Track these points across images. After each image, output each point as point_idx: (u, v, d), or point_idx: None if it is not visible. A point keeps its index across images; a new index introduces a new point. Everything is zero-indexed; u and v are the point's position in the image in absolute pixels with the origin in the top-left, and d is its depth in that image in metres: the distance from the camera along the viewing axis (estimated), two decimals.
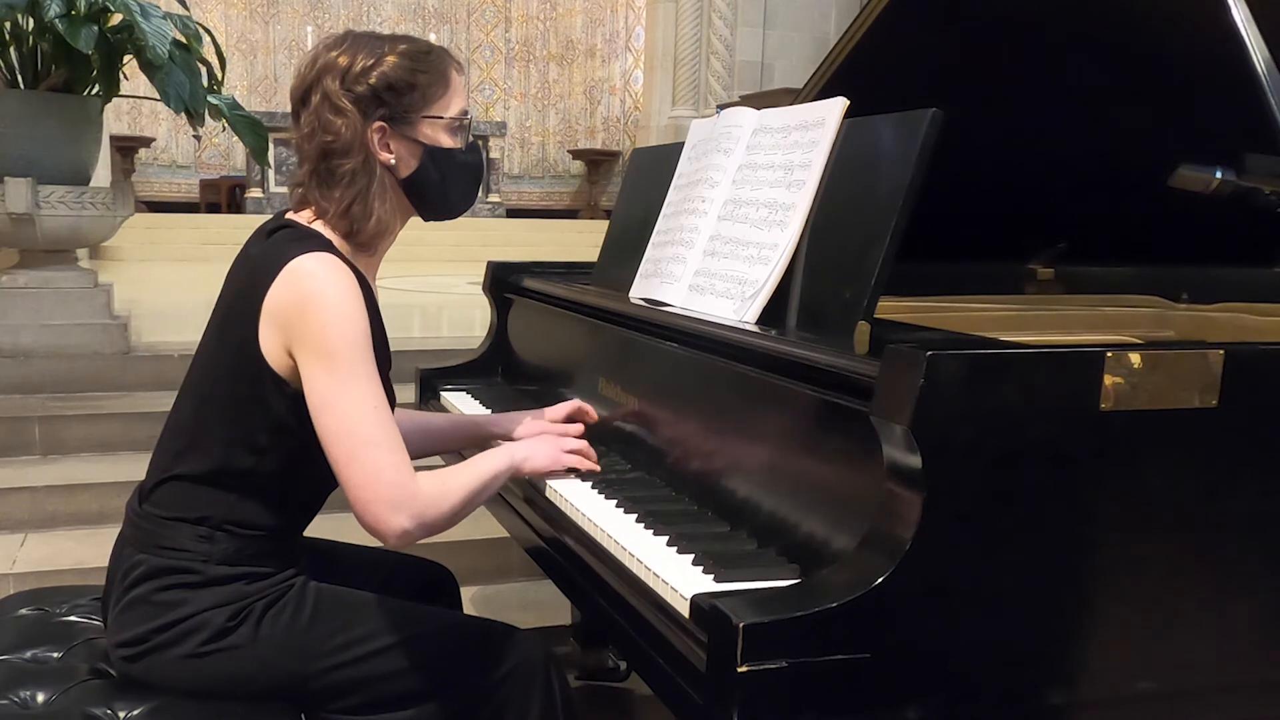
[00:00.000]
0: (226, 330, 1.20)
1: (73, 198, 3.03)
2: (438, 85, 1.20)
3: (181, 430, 1.23)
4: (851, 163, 1.23)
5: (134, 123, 9.30)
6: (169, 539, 1.20)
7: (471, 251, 6.87)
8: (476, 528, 2.50)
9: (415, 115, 1.19)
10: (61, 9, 2.70)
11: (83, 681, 1.23)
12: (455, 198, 1.28)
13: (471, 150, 1.26)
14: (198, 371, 1.25)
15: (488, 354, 2.00)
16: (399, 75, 1.18)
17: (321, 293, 1.13)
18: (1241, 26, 1.30)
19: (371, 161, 1.19)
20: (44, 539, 2.53)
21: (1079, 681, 0.97)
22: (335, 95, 1.16)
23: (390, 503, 1.11)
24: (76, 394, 3.06)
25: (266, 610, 1.19)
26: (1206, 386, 0.95)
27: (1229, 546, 1.00)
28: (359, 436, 1.11)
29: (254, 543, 1.21)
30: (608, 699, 2.06)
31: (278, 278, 1.14)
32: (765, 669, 0.84)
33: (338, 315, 1.13)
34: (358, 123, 1.17)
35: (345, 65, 1.17)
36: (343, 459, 1.12)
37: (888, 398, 0.91)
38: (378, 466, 1.11)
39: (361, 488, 1.11)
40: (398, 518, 1.12)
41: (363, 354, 1.14)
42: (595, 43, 10.68)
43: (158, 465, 1.25)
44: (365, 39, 1.21)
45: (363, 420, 1.12)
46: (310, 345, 1.12)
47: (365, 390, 1.13)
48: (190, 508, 1.20)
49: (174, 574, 1.19)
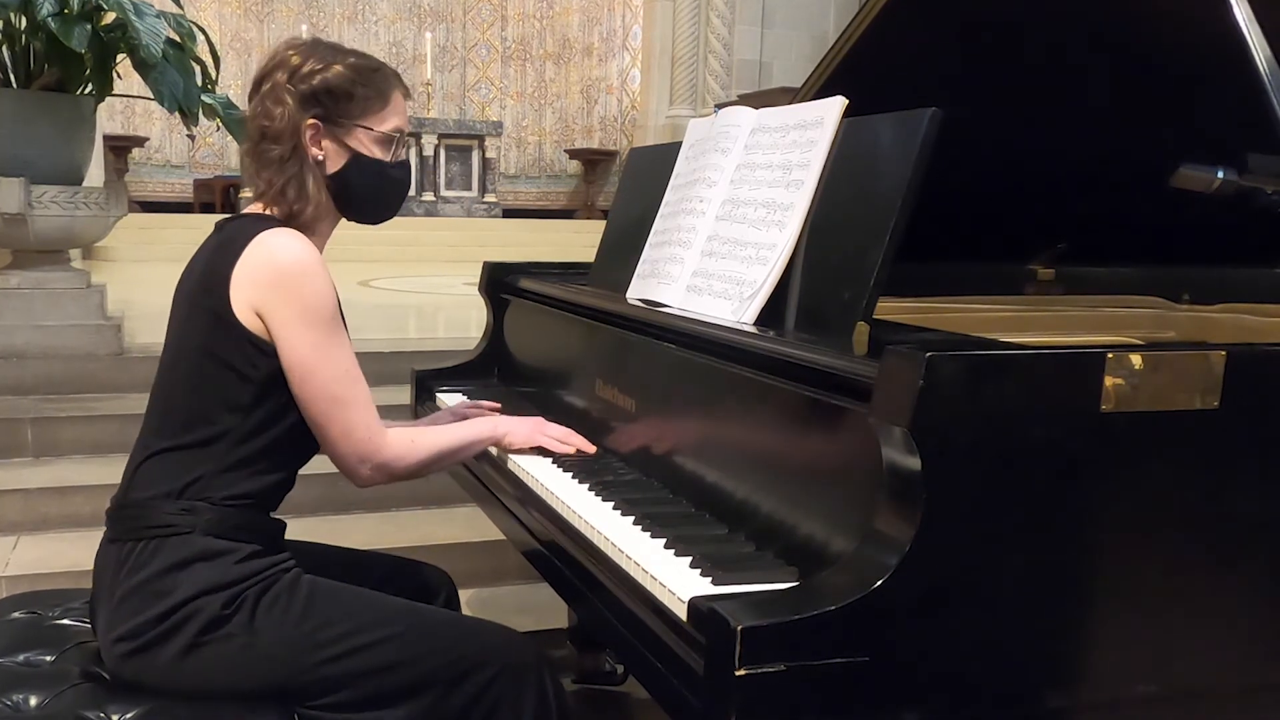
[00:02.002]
0: (194, 308, 1.27)
1: (65, 198, 3.01)
2: (375, 100, 1.32)
3: (155, 411, 1.29)
4: (850, 162, 1.23)
5: (127, 122, 9.27)
6: (151, 518, 1.23)
7: (468, 252, 6.86)
8: (473, 530, 2.51)
9: (348, 122, 1.31)
10: (54, 7, 2.69)
11: (75, 685, 1.23)
12: (375, 204, 1.38)
13: (398, 166, 1.37)
14: (168, 357, 1.31)
15: (484, 355, 1.99)
16: (339, 83, 1.30)
17: (299, 260, 1.24)
18: (1243, 25, 1.30)
19: (301, 151, 1.30)
20: (36, 541, 2.52)
21: (1079, 684, 0.97)
22: (280, 88, 1.29)
23: (358, 456, 1.29)
24: (69, 395, 3.05)
25: (260, 597, 1.21)
26: (1208, 388, 0.95)
27: (1230, 549, 1.00)
28: (335, 398, 1.25)
29: (236, 513, 1.24)
30: (605, 703, 2.06)
31: (246, 249, 1.24)
32: (764, 672, 0.84)
33: (317, 283, 1.24)
34: (293, 114, 1.28)
35: (297, 64, 1.30)
36: (320, 418, 1.26)
37: (887, 399, 0.90)
38: (349, 424, 1.27)
39: (335, 443, 1.28)
40: (363, 468, 1.30)
41: (338, 320, 1.27)
42: (592, 41, 10.67)
43: (134, 458, 1.29)
44: (325, 47, 1.34)
45: (339, 382, 1.25)
46: (294, 312, 1.23)
47: (341, 354, 1.26)
48: (169, 480, 1.24)
49: (162, 555, 1.21)
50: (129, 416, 2.86)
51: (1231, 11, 1.30)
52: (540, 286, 1.81)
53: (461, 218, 8.87)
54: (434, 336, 4.28)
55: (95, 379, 3.11)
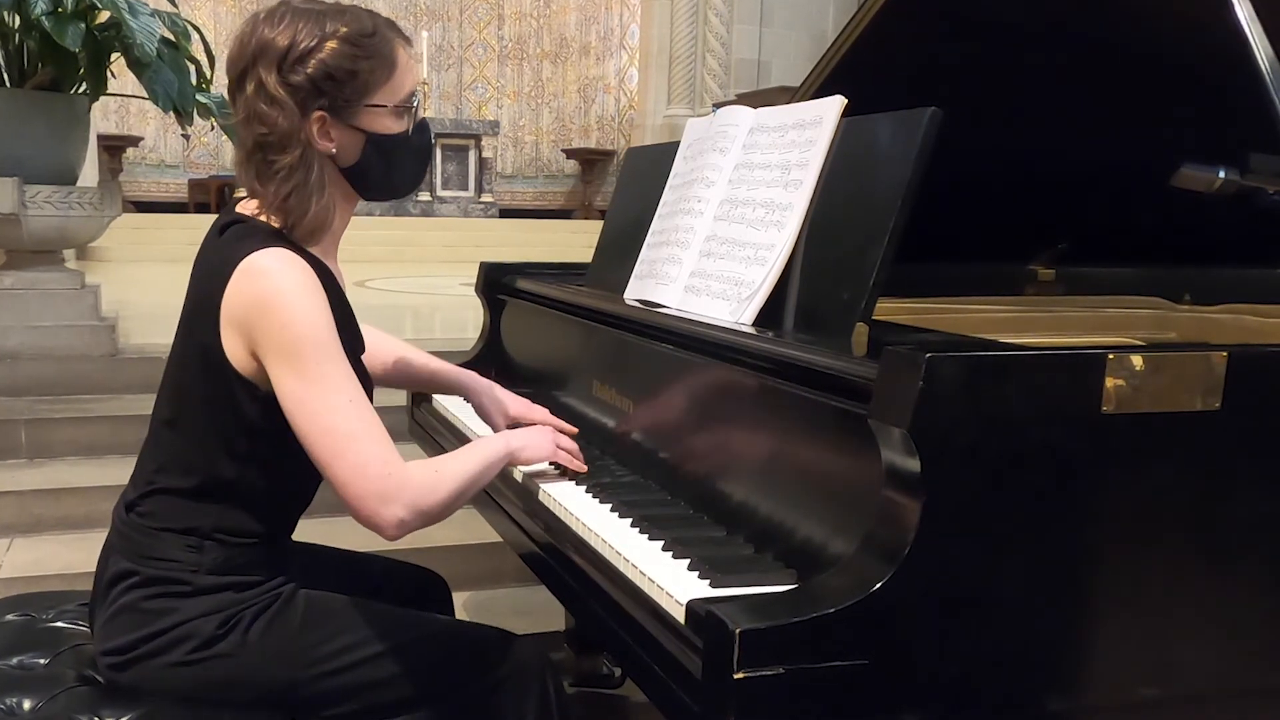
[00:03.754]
0: (190, 337, 1.18)
1: (59, 198, 3.00)
2: (381, 70, 1.14)
3: (161, 443, 1.22)
4: (849, 162, 1.22)
5: (122, 121, 9.25)
6: (157, 549, 1.19)
7: (464, 252, 6.86)
8: (468, 532, 2.50)
9: (357, 104, 1.14)
10: (48, 6, 2.68)
11: (70, 688, 1.22)
12: (400, 181, 1.23)
13: (419, 131, 1.20)
14: (170, 380, 1.23)
15: (481, 356, 1.98)
16: (339, 63, 1.11)
17: (277, 291, 1.09)
18: (1245, 24, 1.29)
19: (310, 154, 1.13)
20: (30, 544, 2.51)
21: (1080, 688, 0.96)
22: (272, 86, 1.10)
23: (380, 495, 1.09)
24: (63, 396, 3.03)
25: (255, 618, 1.18)
26: (1209, 389, 0.94)
27: (1232, 551, 0.99)
28: (338, 433, 1.08)
29: (244, 551, 1.20)
30: (602, 706, 2.06)
31: (232, 279, 1.11)
32: (762, 675, 0.83)
33: (296, 312, 1.09)
34: (295, 115, 1.11)
35: (283, 48, 1.10)
36: (325, 458, 1.09)
37: (886, 401, 0.90)
38: (362, 460, 1.08)
39: (349, 484, 1.09)
40: (391, 509, 1.09)
41: (328, 347, 1.10)
42: (589, 40, 10.66)
43: (142, 476, 1.24)
44: (304, 14, 1.13)
45: (339, 416, 1.09)
46: (274, 346, 1.09)
47: (337, 385, 1.10)
48: (177, 519, 1.19)
49: (162, 584, 1.18)
50: (123, 418, 2.87)
51: (1233, 10, 1.30)
52: (537, 287, 1.81)
53: (458, 218, 8.87)
54: (430, 338, 4.27)
55: (89, 380, 3.10)
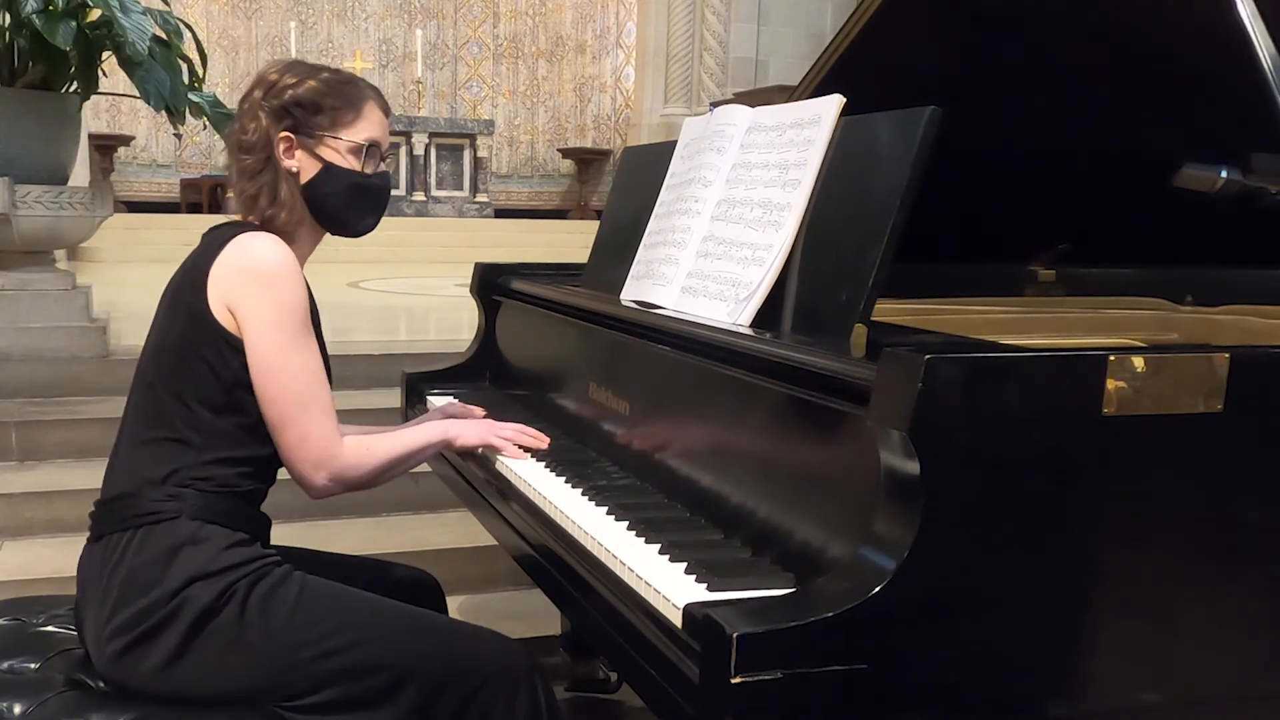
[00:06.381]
0: (175, 305, 1.31)
1: (50, 197, 2.98)
2: (345, 111, 1.36)
3: (142, 409, 1.31)
4: (848, 162, 1.22)
5: (113, 121, 9.20)
6: (137, 506, 1.25)
7: (459, 252, 6.84)
8: (463, 536, 2.49)
9: (320, 133, 1.36)
10: (39, 4, 2.66)
11: (60, 692, 1.22)
12: (351, 215, 1.40)
13: (377, 176, 1.40)
14: (151, 347, 1.33)
15: (475, 357, 1.98)
16: (309, 96, 1.35)
17: (265, 261, 1.28)
18: (1247, 23, 1.29)
19: (274, 162, 1.35)
20: (20, 547, 2.49)
21: (1080, 692, 0.96)
22: (256, 103, 1.36)
23: (313, 462, 1.29)
24: (54, 398, 3.01)
25: (251, 590, 1.21)
26: (1211, 390, 0.94)
27: (1234, 554, 0.99)
28: (295, 403, 1.27)
29: (222, 499, 1.27)
30: (598, 711, 2.05)
31: (224, 249, 1.29)
32: (760, 680, 0.83)
33: (288, 285, 1.27)
34: (266, 127, 1.35)
35: (274, 81, 1.37)
36: (277, 420, 1.28)
37: (885, 402, 0.89)
38: (306, 430, 1.28)
39: (291, 448, 1.29)
40: (318, 475, 1.30)
41: (306, 324, 1.30)
42: (585, 39, 10.65)
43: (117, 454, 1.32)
44: (304, 66, 1.40)
45: (301, 387, 1.27)
46: (259, 309, 1.26)
47: (306, 358, 1.28)
48: (152, 468, 1.26)
49: (149, 543, 1.22)
50: (115, 420, 2.77)
51: (1235, 9, 1.30)
52: (533, 288, 1.80)
53: (453, 218, 8.86)
54: (425, 339, 4.26)
55: (80, 382, 3.07)
